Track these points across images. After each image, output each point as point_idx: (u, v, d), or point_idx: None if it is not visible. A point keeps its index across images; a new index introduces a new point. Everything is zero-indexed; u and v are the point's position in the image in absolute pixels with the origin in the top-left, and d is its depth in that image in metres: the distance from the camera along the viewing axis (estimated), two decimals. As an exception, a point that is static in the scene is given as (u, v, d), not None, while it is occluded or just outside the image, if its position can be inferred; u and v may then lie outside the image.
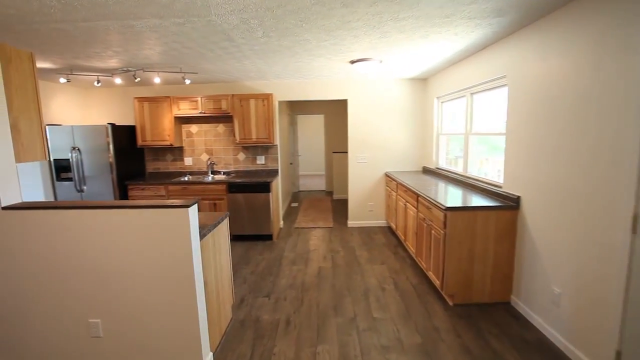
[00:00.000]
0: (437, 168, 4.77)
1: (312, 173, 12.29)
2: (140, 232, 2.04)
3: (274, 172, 5.33)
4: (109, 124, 4.53)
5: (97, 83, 4.08)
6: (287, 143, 7.45)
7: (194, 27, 2.53)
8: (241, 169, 5.37)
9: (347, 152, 6.91)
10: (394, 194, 4.69)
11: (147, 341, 2.14)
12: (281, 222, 5.53)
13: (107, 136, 4.54)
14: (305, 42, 2.98)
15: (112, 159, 4.59)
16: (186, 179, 5.15)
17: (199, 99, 4.87)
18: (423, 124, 5.22)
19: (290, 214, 6.40)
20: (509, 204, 2.78)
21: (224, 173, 5.37)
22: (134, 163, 5.17)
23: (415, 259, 3.82)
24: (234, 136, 4.99)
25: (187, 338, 2.11)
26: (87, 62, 3.51)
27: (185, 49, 3.10)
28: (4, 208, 2.12)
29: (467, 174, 3.84)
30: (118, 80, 4.14)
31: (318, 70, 4.26)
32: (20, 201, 2.24)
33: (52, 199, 4.71)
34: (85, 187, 4.66)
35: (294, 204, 7.23)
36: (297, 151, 8.95)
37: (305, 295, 3.20)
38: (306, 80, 5.05)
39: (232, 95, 4.85)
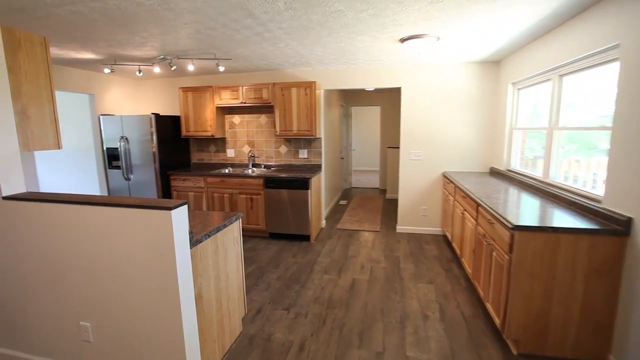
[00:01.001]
0: (509, 170, 3.90)
1: (366, 169, 11.67)
2: (125, 232, 1.78)
3: (317, 168, 4.92)
4: (152, 114, 4.53)
5: (139, 73, 4.06)
6: (339, 136, 6.99)
7: (205, 0, 2.20)
8: (282, 162, 5.06)
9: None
10: (452, 198, 3.95)
11: (136, 352, 1.89)
12: (323, 222, 5.12)
13: (151, 126, 4.56)
14: (338, 14, 2.47)
15: (155, 149, 4.61)
16: (226, 171, 5.00)
17: (240, 88, 4.65)
18: (492, 116, 4.33)
19: (336, 212, 5.95)
20: (613, 228, 1.97)
21: (265, 166, 5.11)
22: (179, 153, 5.17)
23: (472, 281, 3.11)
24: (275, 128, 4.68)
25: (173, 355, 1.81)
26: (124, 50, 3.45)
27: (208, 30, 2.81)
28: (5, 198, 2.03)
29: (548, 180, 2.99)
30: (157, 70, 4.08)
31: (364, 52, 3.70)
32: (24, 191, 2.14)
33: (104, 186, 4.92)
34: (132, 176, 4.76)
35: (342, 202, 6.76)
36: (351, 145, 8.44)
37: (329, 313, 2.74)
38: (353, 65, 4.51)
39: (273, 83, 4.53)
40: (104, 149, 4.82)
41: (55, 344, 2.09)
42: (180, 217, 1.72)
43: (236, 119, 5.16)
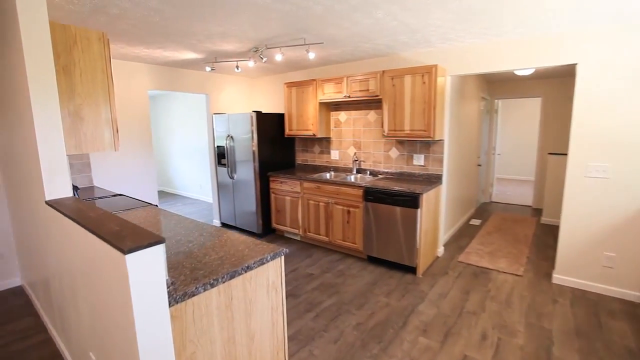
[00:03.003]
0: None
1: (515, 177, 9.29)
2: (91, 266, 1.33)
3: (436, 179, 3.78)
4: (254, 111, 4.32)
5: (237, 69, 3.86)
6: (476, 137, 5.50)
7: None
8: (392, 169, 4.12)
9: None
10: (672, 251, 2.24)
11: None
12: (440, 249, 3.93)
13: (252, 124, 4.36)
14: None
15: (255, 148, 4.40)
16: (328, 176, 4.42)
17: (344, 80, 3.95)
18: None
19: (463, 235, 4.60)
20: None
21: (371, 173, 4.28)
22: (284, 153, 4.88)
23: None
24: (382, 127, 3.79)
25: None
26: (214, 44, 3.22)
27: (282, 4, 2.19)
28: (47, 203, 1.90)
29: None
30: (251, 64, 3.78)
31: (512, 13, 2.42)
32: (69, 195, 2.00)
33: (215, 183, 5.07)
34: (235, 174, 4.72)
35: (475, 221, 5.27)
36: (494, 148, 6.66)
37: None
38: (495, 38, 3.16)
39: (382, 72, 3.64)
40: (215, 146, 4.95)
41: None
42: (146, 263, 1.13)
43: (342, 116, 4.49)
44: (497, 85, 6.22)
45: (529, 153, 8.88)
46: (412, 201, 3.29)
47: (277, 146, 4.76)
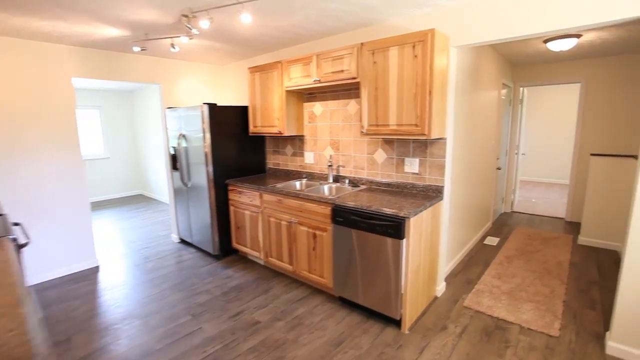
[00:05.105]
0: None
1: (543, 180, 8.03)
2: None
3: (434, 192, 2.76)
4: (205, 104, 3.41)
5: (174, 48, 2.94)
6: (495, 134, 4.41)
7: None
8: (378, 178, 3.12)
9: (633, 158, 3.46)
10: None
11: None
12: (439, 286, 2.91)
13: (203, 121, 3.45)
14: None
15: (207, 149, 3.50)
16: (298, 185, 3.47)
17: (313, 58, 2.97)
18: None
19: (474, 261, 3.55)
20: None
21: (351, 182, 3.29)
22: (250, 155, 3.95)
23: None
24: (360, 121, 2.79)
25: None
26: (128, 12, 2.32)
27: None
28: None
29: None
30: (184, 40, 2.85)
31: None
32: None
33: (172, 191, 4.21)
34: (190, 181, 3.84)
35: (491, 240, 4.18)
36: (518, 147, 5.50)
37: None
38: (524, -14, 2.10)
39: (361, 44, 2.64)
40: (169, 147, 4.08)
41: None
42: None
43: (317, 108, 3.52)
44: (522, 69, 5.06)
45: (562, 153, 7.60)
46: (394, 228, 2.29)
47: (242, 147, 3.83)
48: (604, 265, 3.42)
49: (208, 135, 3.46)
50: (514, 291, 2.92)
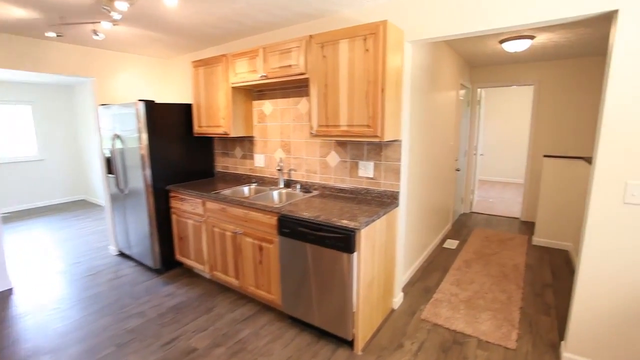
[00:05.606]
0: None
1: (498, 179, 8.26)
2: None
3: (389, 198, 2.58)
4: (141, 101, 3.03)
5: (96, 35, 2.54)
6: (454, 135, 4.35)
7: None
8: (331, 182, 2.90)
9: (583, 160, 3.47)
10: None
11: None
12: (397, 297, 2.74)
13: (139, 120, 3.06)
14: None
15: (144, 151, 3.11)
16: (246, 191, 3.18)
17: (260, 52, 2.69)
18: None
19: (433, 267, 3.43)
20: None
21: (302, 187, 3.05)
22: (196, 157, 3.60)
23: None
24: (310, 121, 2.56)
25: None
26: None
27: None
28: None
29: None
30: (106, 25, 2.48)
31: None
32: None
33: (108, 197, 3.75)
34: (126, 187, 3.42)
35: (450, 243, 4.12)
36: (476, 147, 5.53)
37: None
38: (478, -23, 1.96)
39: (310, 37, 2.40)
40: (103, 149, 3.63)
41: None
42: None
43: (267, 107, 3.24)
44: (480, 70, 5.07)
45: (516, 153, 7.84)
46: (343, 241, 2.07)
47: (187, 149, 3.47)
48: (557, 266, 3.44)
49: (145, 136, 3.08)
50: (472, 299, 2.82)
